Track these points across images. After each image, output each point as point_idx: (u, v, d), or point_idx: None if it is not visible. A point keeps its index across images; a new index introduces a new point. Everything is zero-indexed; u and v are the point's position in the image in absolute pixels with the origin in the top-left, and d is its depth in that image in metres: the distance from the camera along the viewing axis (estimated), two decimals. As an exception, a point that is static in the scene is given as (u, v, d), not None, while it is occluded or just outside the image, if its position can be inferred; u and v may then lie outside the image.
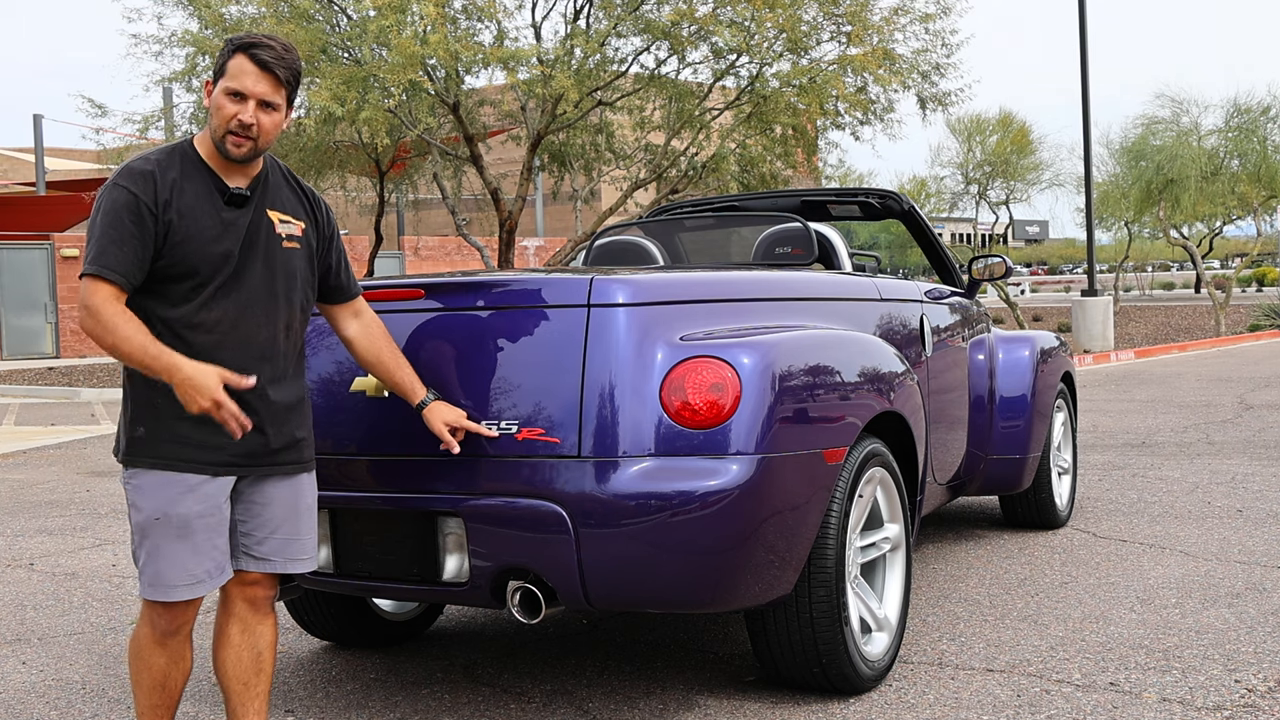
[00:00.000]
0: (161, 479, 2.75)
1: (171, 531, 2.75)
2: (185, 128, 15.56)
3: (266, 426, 2.84)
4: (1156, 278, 62.78)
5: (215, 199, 2.79)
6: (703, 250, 5.90)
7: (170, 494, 2.75)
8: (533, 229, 36.55)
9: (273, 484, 2.89)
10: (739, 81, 14.58)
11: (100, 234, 2.69)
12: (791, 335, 3.41)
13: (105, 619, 4.78)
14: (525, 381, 3.19)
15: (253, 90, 2.74)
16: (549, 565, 3.11)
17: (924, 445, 4.08)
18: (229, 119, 2.75)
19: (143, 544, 2.78)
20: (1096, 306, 20.17)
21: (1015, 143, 26.78)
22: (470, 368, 3.26)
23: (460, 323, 3.32)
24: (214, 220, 2.77)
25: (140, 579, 2.81)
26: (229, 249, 2.78)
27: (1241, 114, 25.31)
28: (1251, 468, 7.44)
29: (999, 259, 5.72)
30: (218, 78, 2.79)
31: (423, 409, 3.15)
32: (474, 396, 3.23)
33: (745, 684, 3.74)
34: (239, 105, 2.75)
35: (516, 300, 3.30)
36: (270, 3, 13.76)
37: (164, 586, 2.77)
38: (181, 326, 2.75)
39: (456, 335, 3.30)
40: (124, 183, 2.71)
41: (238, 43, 2.78)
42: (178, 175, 2.76)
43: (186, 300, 2.76)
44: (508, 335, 3.25)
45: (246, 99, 2.75)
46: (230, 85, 2.75)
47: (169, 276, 2.74)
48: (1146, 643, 3.99)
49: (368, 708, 3.67)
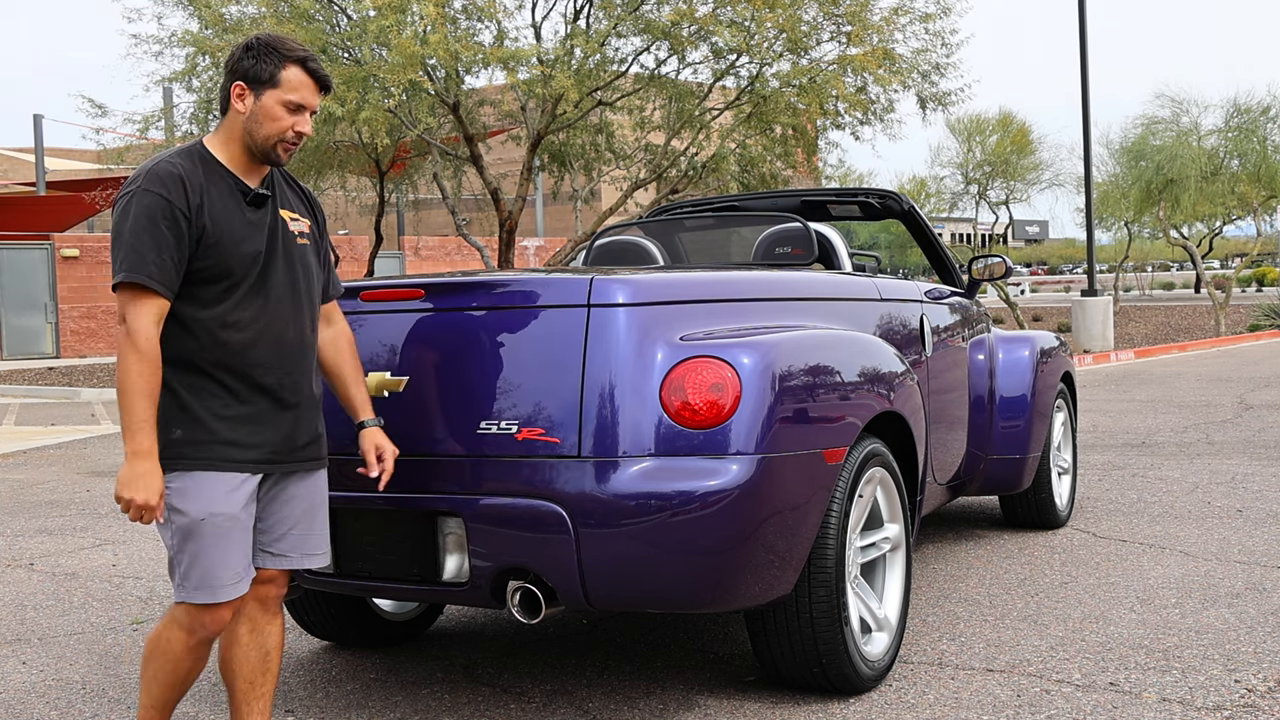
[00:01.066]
0: (206, 479, 2.76)
1: (219, 531, 2.76)
2: (185, 128, 15.55)
3: (301, 422, 2.90)
4: (1156, 278, 62.77)
5: (239, 200, 2.83)
6: (703, 250, 5.91)
7: (217, 494, 2.76)
8: (533, 229, 36.55)
9: (295, 480, 2.94)
10: (739, 81, 14.58)
11: (135, 240, 2.68)
12: (791, 335, 3.41)
13: (105, 619, 4.78)
14: (525, 381, 3.19)
15: (311, 103, 2.84)
16: (549, 565, 3.11)
17: (924, 445, 4.08)
18: (286, 129, 2.82)
19: (186, 546, 2.76)
20: (1096, 306, 20.17)
21: (1015, 143, 26.77)
22: (470, 368, 3.26)
23: (460, 323, 3.32)
24: (241, 221, 2.81)
25: (183, 583, 2.79)
26: (258, 249, 2.83)
27: (1241, 114, 25.30)
28: (1251, 468, 7.44)
29: (999, 259, 5.72)
30: (265, 85, 2.81)
31: (361, 428, 3.15)
32: (474, 396, 3.23)
33: (745, 684, 3.74)
34: (297, 116, 2.83)
35: (516, 300, 3.30)
36: (270, 3, 13.76)
37: (212, 588, 2.77)
38: (217, 326, 2.78)
39: (456, 335, 3.30)
40: (155, 188, 2.71)
41: (292, 54, 2.82)
42: (203, 179, 2.78)
43: (219, 301, 2.78)
44: (508, 335, 3.25)
45: (304, 110, 2.83)
46: (291, 98, 2.81)
47: (204, 279, 2.76)
48: (1146, 643, 3.99)
49: (368, 708, 3.67)
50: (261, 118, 2.81)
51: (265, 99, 2.81)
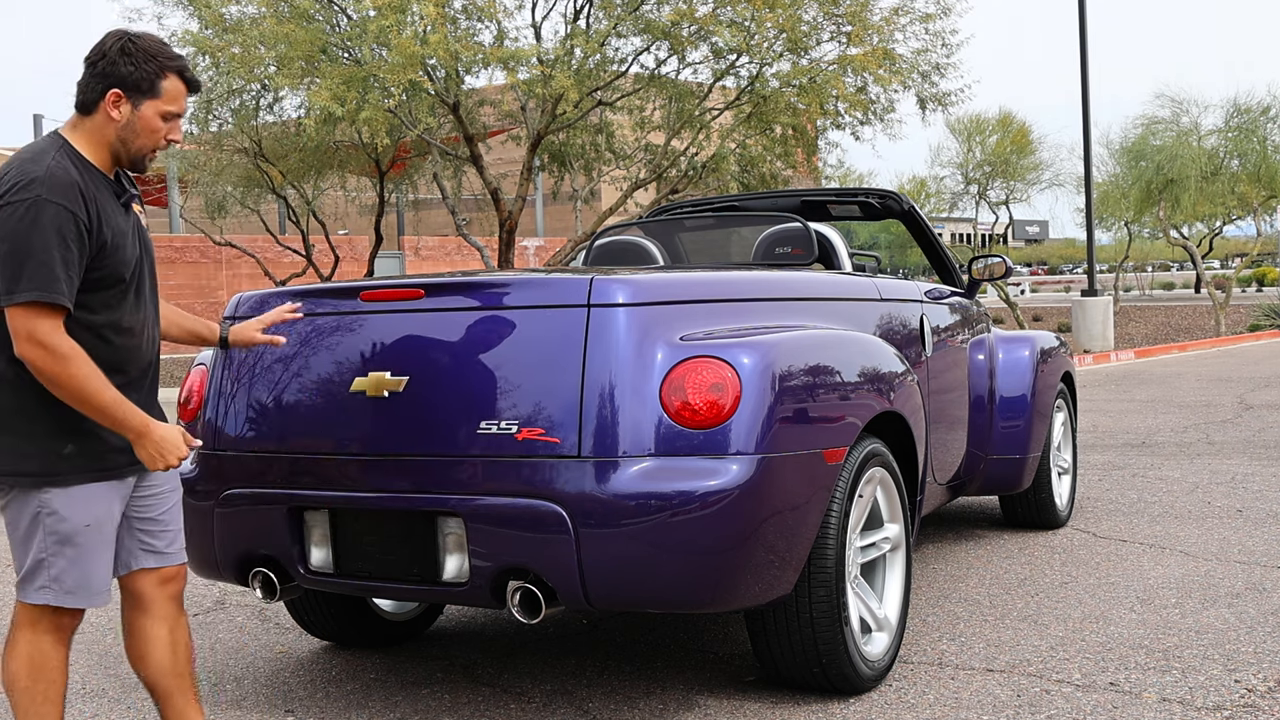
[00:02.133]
0: (99, 489, 2.75)
1: (102, 538, 2.76)
2: (185, 128, 15.57)
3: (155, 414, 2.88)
4: (1156, 278, 62.73)
5: (115, 203, 2.77)
6: (703, 250, 5.91)
7: (103, 502, 2.75)
8: (533, 229, 36.55)
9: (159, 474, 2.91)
10: (739, 81, 14.57)
11: (46, 255, 2.57)
12: (791, 335, 3.41)
13: (105, 619, 4.78)
14: (525, 381, 3.19)
15: (185, 110, 2.79)
16: (549, 565, 3.11)
17: (924, 445, 4.08)
18: (161, 139, 2.77)
19: (63, 551, 2.72)
20: (1096, 306, 20.17)
21: (1015, 143, 26.74)
22: (470, 368, 3.26)
23: (460, 323, 3.32)
24: (124, 224, 2.78)
25: (53, 585, 2.73)
26: (136, 251, 2.80)
27: (1241, 114, 25.29)
28: (1251, 468, 7.44)
29: (999, 259, 5.72)
30: (145, 95, 2.72)
31: (225, 336, 3.27)
32: (474, 396, 3.23)
33: (745, 684, 3.74)
34: (170, 124, 2.78)
35: (516, 300, 3.30)
36: (270, 3, 13.75)
37: (89, 592, 2.76)
38: (112, 332, 2.74)
39: (457, 335, 3.30)
40: (59, 200, 2.60)
41: (171, 63, 2.74)
42: (92, 186, 2.70)
43: (108, 307, 2.73)
44: (507, 335, 3.25)
45: (178, 118, 2.78)
46: (170, 109, 2.75)
47: (100, 285, 2.70)
48: (1146, 643, 3.99)
49: (368, 708, 3.67)
50: (140, 128, 2.73)
51: (145, 109, 2.73)
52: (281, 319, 3.39)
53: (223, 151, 16.52)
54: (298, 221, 19.15)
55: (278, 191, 18.02)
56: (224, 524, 3.55)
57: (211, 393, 3.65)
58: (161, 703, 2.99)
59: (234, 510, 3.53)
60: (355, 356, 3.39)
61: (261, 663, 4.18)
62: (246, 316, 3.63)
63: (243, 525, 3.52)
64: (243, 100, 14.97)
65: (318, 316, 3.51)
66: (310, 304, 3.53)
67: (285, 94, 15.00)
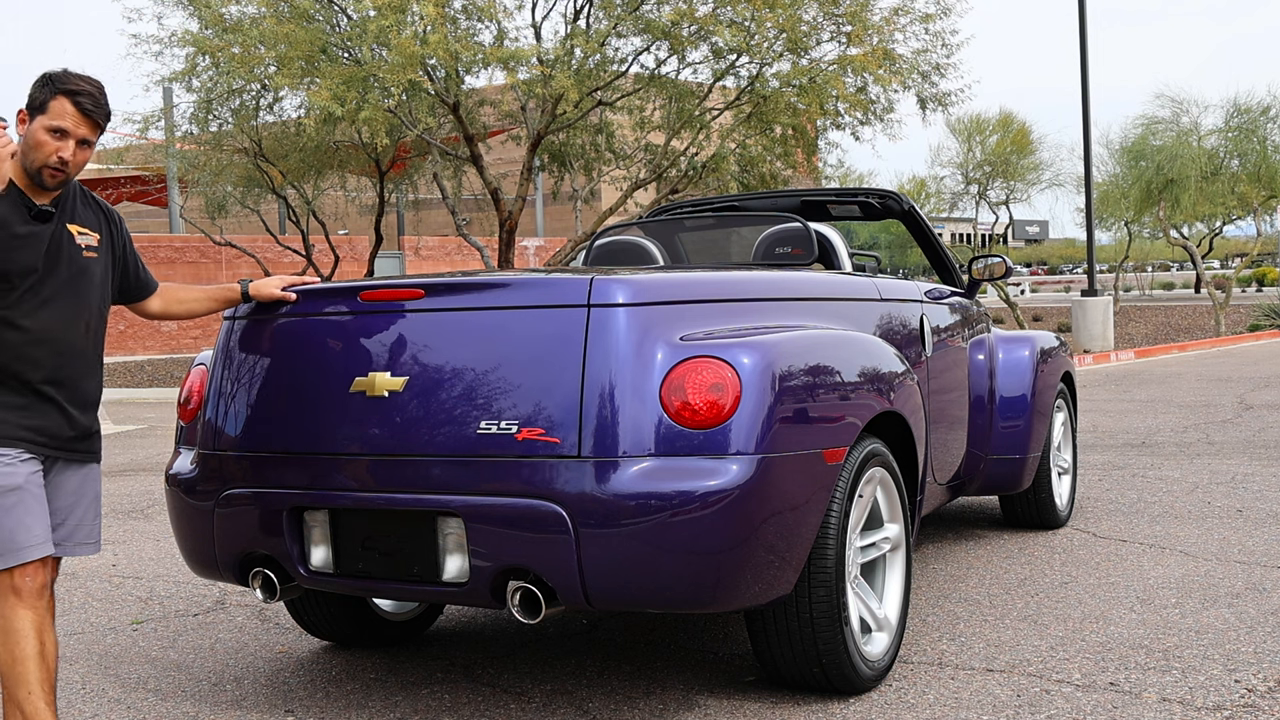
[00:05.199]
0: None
1: (10, 499, 2.97)
2: (185, 128, 15.57)
3: (71, 418, 3.12)
4: (1156, 278, 62.70)
5: (23, 214, 3.02)
6: (703, 250, 5.91)
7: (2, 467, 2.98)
8: (533, 229, 36.55)
9: (68, 472, 3.15)
10: (739, 81, 14.57)
11: None
12: (791, 335, 3.41)
13: (105, 619, 4.78)
14: (525, 381, 3.19)
15: (75, 132, 3.01)
16: (549, 565, 3.11)
17: (924, 445, 4.08)
18: (50, 154, 3.00)
19: None
20: (1096, 306, 20.17)
21: (1015, 143, 26.75)
22: (470, 368, 3.25)
23: (460, 323, 3.32)
24: (19, 233, 3.00)
25: None
26: (34, 259, 3.03)
27: (1241, 114, 25.30)
28: (1251, 468, 7.44)
29: (999, 259, 5.72)
30: (36, 111, 3.01)
31: (246, 291, 3.58)
32: (474, 396, 3.23)
33: (745, 684, 3.74)
34: (60, 142, 3.01)
35: (516, 300, 3.30)
36: (270, 3, 13.75)
37: (17, 550, 2.97)
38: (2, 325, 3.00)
39: (457, 335, 3.30)
40: None
41: (60, 85, 3.01)
42: None
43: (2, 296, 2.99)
44: (507, 335, 3.25)
45: (68, 137, 3.01)
46: (54, 124, 2.99)
47: None
48: (1146, 643, 3.99)
49: (368, 708, 3.67)
50: (31, 143, 3.01)
51: (34, 124, 3.01)
52: (300, 282, 3.63)
53: (223, 151, 16.51)
54: (298, 221, 19.14)
55: (278, 191, 18.01)
56: (224, 524, 3.55)
57: (211, 393, 3.65)
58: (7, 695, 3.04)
59: (234, 510, 3.53)
60: (355, 356, 3.39)
61: (261, 663, 4.18)
62: None
63: (243, 525, 3.52)
64: (243, 100, 14.97)
65: (318, 316, 3.51)
66: (310, 304, 3.53)
67: (285, 94, 15.01)
